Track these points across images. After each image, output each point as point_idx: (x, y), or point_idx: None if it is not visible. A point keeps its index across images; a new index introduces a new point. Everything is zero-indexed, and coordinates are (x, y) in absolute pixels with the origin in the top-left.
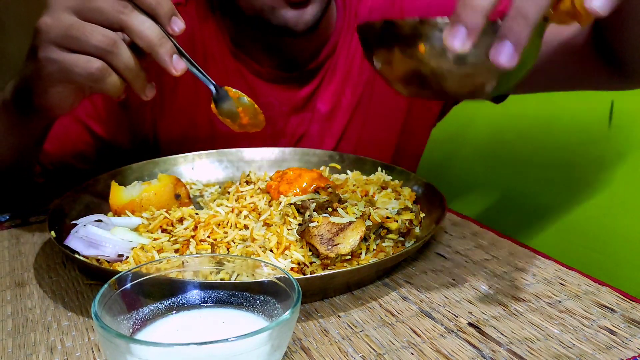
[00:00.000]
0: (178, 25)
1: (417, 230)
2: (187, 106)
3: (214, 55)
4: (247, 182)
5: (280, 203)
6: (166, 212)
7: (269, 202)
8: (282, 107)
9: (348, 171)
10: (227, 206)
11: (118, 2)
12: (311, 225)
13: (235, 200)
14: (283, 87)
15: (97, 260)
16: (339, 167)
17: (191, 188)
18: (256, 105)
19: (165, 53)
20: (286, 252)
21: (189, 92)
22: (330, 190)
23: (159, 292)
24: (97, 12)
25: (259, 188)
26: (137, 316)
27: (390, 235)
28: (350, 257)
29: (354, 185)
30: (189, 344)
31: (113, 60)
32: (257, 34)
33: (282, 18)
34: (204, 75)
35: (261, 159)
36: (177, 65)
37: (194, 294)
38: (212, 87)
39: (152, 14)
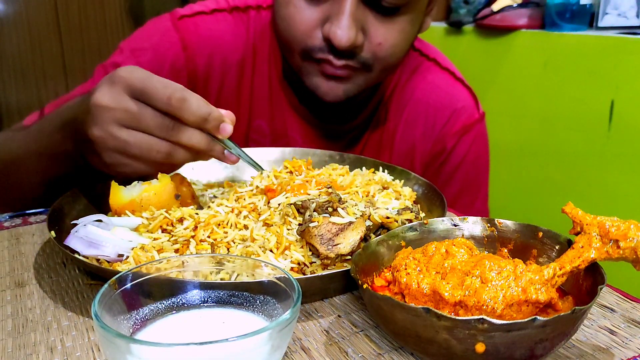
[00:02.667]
0: (226, 131)
1: None
2: None
3: (262, 74)
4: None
5: (278, 203)
6: (166, 212)
7: (268, 202)
8: (304, 147)
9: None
10: (227, 206)
11: (164, 123)
12: (311, 225)
13: (235, 200)
14: (312, 129)
15: (97, 260)
16: (339, 167)
17: None
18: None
19: (216, 153)
20: (286, 252)
21: (230, 111)
22: (330, 190)
23: (159, 292)
24: (147, 130)
25: (256, 187)
26: (137, 316)
27: None
28: (350, 257)
29: (355, 186)
30: (189, 344)
31: (174, 160)
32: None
33: (314, 84)
34: (254, 162)
35: (261, 159)
36: (230, 158)
37: (194, 294)
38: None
39: (200, 129)
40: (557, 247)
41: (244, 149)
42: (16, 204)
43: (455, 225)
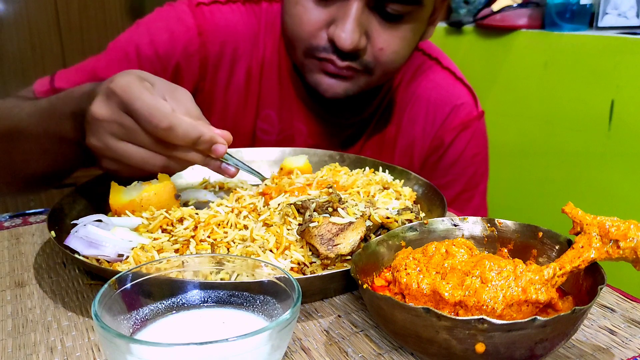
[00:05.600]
0: (218, 152)
1: None
2: (235, 111)
3: (272, 65)
4: (242, 189)
5: (277, 204)
6: (166, 212)
7: (267, 203)
8: (309, 138)
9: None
10: (227, 206)
11: (158, 143)
12: (311, 225)
13: (235, 201)
14: (318, 121)
15: (97, 260)
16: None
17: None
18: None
19: (213, 167)
20: (286, 252)
21: (239, 100)
22: (330, 190)
23: (159, 292)
24: (142, 145)
25: (256, 190)
26: (137, 316)
27: None
28: (350, 257)
29: (356, 186)
30: (189, 344)
31: (171, 171)
32: None
33: (316, 81)
34: (253, 171)
35: (261, 159)
36: (228, 172)
37: (194, 294)
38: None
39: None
40: (557, 247)
41: (247, 149)
42: (15, 180)
43: (455, 225)
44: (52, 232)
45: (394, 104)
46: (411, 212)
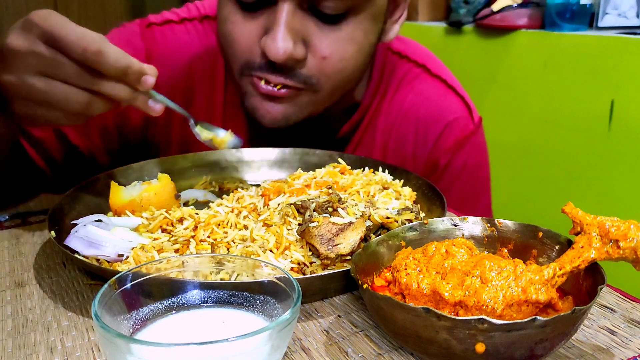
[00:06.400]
0: (147, 84)
1: None
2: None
3: (235, 87)
4: (242, 188)
5: (277, 204)
6: (166, 212)
7: (267, 204)
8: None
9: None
10: (227, 206)
11: (82, 73)
12: (311, 225)
13: (235, 201)
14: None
15: (97, 260)
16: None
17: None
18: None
19: (140, 103)
20: (286, 252)
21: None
22: (330, 190)
23: (159, 292)
24: (65, 79)
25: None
26: (137, 316)
27: None
28: (350, 257)
29: (356, 186)
30: (189, 344)
31: (93, 111)
32: None
33: (251, 105)
34: (180, 109)
35: (261, 159)
36: (154, 108)
37: (194, 294)
38: (189, 117)
39: (121, 81)
40: (557, 247)
41: (246, 149)
42: None
43: (455, 225)
44: (52, 232)
45: (379, 121)
46: (411, 212)
